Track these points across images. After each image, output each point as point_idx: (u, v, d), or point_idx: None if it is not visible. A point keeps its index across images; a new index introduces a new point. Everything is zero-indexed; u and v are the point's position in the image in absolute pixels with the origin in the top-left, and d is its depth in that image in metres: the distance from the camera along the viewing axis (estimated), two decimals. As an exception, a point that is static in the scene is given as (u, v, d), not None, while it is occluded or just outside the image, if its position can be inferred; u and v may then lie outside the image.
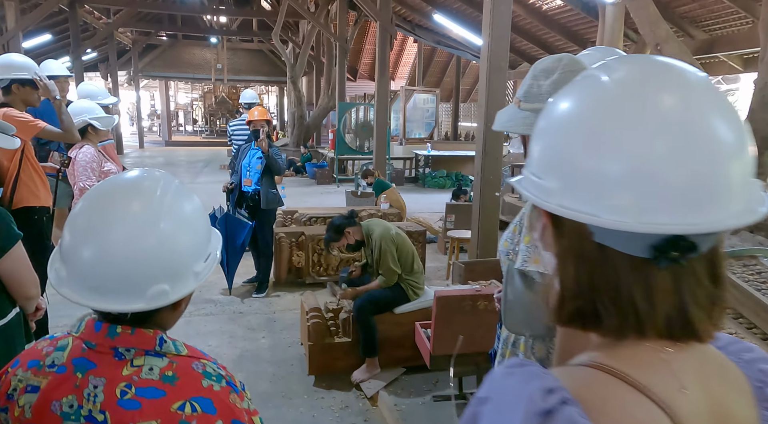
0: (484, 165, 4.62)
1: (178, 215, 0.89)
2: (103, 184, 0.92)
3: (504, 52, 4.49)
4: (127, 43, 20.43)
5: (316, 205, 9.30)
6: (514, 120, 1.36)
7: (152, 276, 0.83)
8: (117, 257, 0.82)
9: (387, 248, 3.24)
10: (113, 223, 0.84)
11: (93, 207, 0.87)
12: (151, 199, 0.87)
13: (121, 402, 0.80)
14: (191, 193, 0.95)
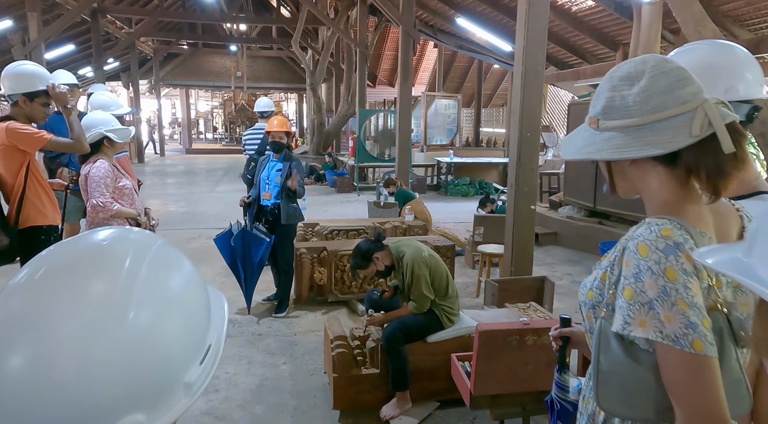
0: (518, 176, 4.31)
1: (159, 297, 0.60)
2: (52, 252, 0.62)
3: (541, 55, 4.18)
4: (148, 52, 20.57)
5: (336, 214, 9.06)
6: (594, 144, 1.07)
7: (118, 404, 0.53)
8: (62, 375, 0.51)
9: (420, 273, 2.95)
10: (57, 317, 0.53)
11: (29, 290, 0.57)
12: (115, 277, 0.58)
13: None
14: (180, 256, 0.67)
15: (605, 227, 6.52)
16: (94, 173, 3.28)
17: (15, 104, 2.93)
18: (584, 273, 6.03)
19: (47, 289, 0.55)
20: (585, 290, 1.15)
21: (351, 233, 5.79)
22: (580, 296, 1.17)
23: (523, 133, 4.24)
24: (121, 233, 0.64)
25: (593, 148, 1.06)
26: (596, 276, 1.13)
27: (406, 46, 7.98)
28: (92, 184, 3.25)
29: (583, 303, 1.15)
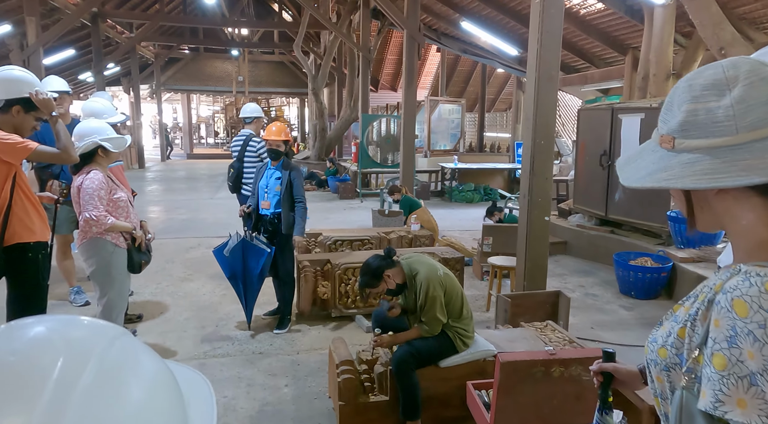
0: (531, 185, 4.11)
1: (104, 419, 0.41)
2: None
3: (555, 60, 3.99)
4: (149, 57, 20.45)
5: (339, 222, 8.87)
6: (671, 168, 0.86)
7: None
8: None
9: (435, 294, 2.74)
10: None
11: None
12: (36, 399, 0.39)
13: None
14: (139, 354, 0.49)
15: (618, 236, 6.31)
16: (87, 185, 3.12)
17: (6, 111, 2.74)
18: (597, 284, 5.84)
19: None
20: (655, 345, 0.95)
21: (355, 244, 5.59)
22: (649, 353, 0.96)
23: (536, 140, 4.05)
24: (65, 327, 0.45)
25: (671, 174, 0.85)
26: (670, 331, 0.92)
27: (410, 50, 7.80)
28: (85, 196, 3.09)
29: (653, 362, 0.94)
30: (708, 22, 4.98)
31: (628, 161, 0.94)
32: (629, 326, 4.49)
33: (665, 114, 0.89)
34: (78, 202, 3.17)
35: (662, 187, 0.87)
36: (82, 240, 3.23)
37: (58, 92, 4.08)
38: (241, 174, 5.36)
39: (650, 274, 5.05)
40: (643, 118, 5.89)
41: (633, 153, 0.94)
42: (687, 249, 5.30)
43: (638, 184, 0.91)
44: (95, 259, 3.23)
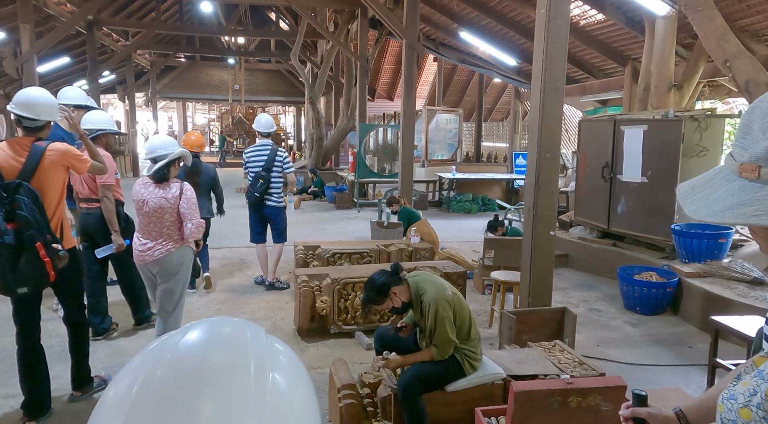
0: (537, 200, 4.01)
1: (286, 396, 0.60)
2: (156, 367, 0.55)
3: (561, 71, 3.91)
4: (145, 65, 20.35)
5: (336, 233, 8.74)
6: (758, 201, 0.75)
7: None
8: None
9: (444, 315, 2.63)
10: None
11: (144, 413, 0.49)
12: (244, 389, 0.52)
13: None
14: (295, 358, 0.67)
15: (620, 249, 6.22)
16: (190, 195, 3.39)
17: (41, 128, 2.94)
18: (601, 299, 5.73)
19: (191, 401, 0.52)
20: (734, 404, 0.83)
21: (354, 257, 5.48)
22: (725, 411, 0.84)
23: (541, 153, 3.96)
24: (232, 333, 0.64)
25: (760, 209, 0.74)
26: (756, 389, 0.80)
27: (409, 60, 7.73)
28: (192, 205, 3.37)
29: (732, 422, 0.83)
30: (712, 34, 4.92)
31: (695, 190, 0.83)
32: (636, 344, 4.38)
33: (743, 139, 0.79)
34: (174, 209, 3.35)
35: (750, 224, 0.75)
36: (173, 247, 3.38)
37: (76, 106, 4.17)
38: (269, 185, 5.38)
39: (656, 289, 4.95)
40: (645, 130, 5.82)
41: (698, 181, 0.83)
42: (692, 263, 5.21)
43: (716, 219, 0.79)
44: (186, 265, 3.47)
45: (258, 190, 5.33)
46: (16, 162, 2.77)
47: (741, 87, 4.91)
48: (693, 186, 0.84)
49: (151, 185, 3.37)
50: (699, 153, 5.51)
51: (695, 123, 5.46)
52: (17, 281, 2.66)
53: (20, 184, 2.68)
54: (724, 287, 4.65)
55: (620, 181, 6.22)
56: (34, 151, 2.80)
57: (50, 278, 2.73)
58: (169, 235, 3.36)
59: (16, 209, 2.63)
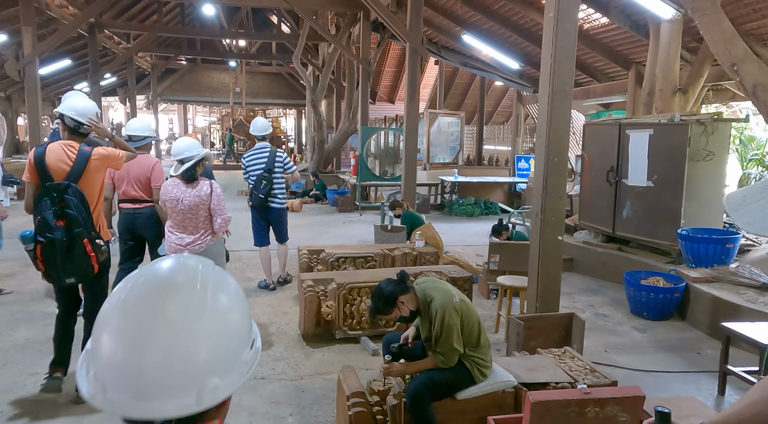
0: (545, 204, 3.98)
1: (222, 307, 0.81)
2: (137, 283, 0.81)
3: (569, 75, 3.89)
4: (146, 68, 20.36)
5: (338, 236, 8.71)
6: None
7: (202, 372, 0.76)
8: (164, 358, 0.74)
9: (451, 322, 2.59)
10: (154, 325, 0.76)
11: (129, 310, 0.77)
12: (191, 297, 0.79)
13: None
14: (227, 276, 0.89)
15: (625, 253, 6.18)
16: (219, 191, 3.81)
17: (87, 133, 3.24)
18: (607, 304, 5.69)
19: (145, 308, 0.77)
20: None
21: (359, 261, 5.44)
22: None
23: (549, 158, 3.93)
24: (187, 262, 0.86)
25: None
26: None
27: (413, 63, 7.71)
28: (221, 201, 3.80)
29: None
30: (719, 38, 4.90)
31: (745, 201, 0.80)
32: (644, 350, 4.34)
33: None
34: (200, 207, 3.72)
35: None
36: (211, 240, 3.82)
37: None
38: (271, 186, 5.44)
39: (663, 294, 4.91)
40: (651, 134, 5.80)
41: (749, 191, 0.79)
42: (699, 268, 5.17)
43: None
44: (222, 254, 3.94)
45: (262, 192, 5.38)
46: (65, 164, 3.02)
47: (749, 91, 4.88)
48: (743, 197, 0.81)
49: (182, 185, 3.69)
50: (705, 157, 5.48)
51: (702, 127, 5.44)
52: (67, 273, 2.97)
53: (69, 185, 2.95)
54: (732, 293, 4.62)
55: (625, 185, 6.19)
56: (81, 156, 3.06)
57: (94, 270, 3.05)
58: (205, 228, 3.78)
59: (65, 208, 2.90)
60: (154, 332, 0.74)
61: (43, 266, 2.96)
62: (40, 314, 4.73)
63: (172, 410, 0.74)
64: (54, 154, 3.03)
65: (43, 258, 2.93)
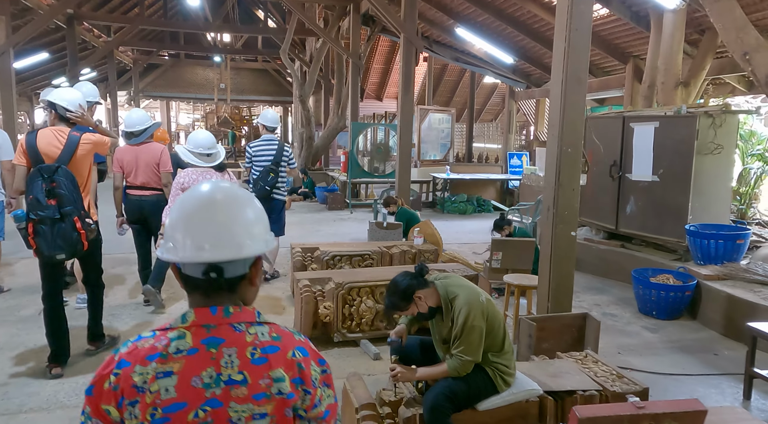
0: (557, 198, 3.75)
1: (247, 196, 1.15)
2: (194, 190, 1.13)
3: (584, 61, 3.66)
4: (127, 63, 19.79)
5: (330, 234, 8.42)
6: None
7: (249, 234, 1.08)
8: (229, 222, 1.07)
9: (474, 324, 2.33)
10: (223, 200, 1.10)
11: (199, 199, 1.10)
12: (230, 190, 1.13)
13: (253, 361, 1.03)
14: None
15: (629, 251, 6.00)
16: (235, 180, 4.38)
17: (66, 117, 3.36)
18: (613, 303, 5.47)
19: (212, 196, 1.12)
20: None
21: (355, 259, 5.16)
22: None
23: (563, 148, 3.69)
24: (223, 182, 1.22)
25: None
26: None
27: (407, 55, 7.44)
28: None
29: None
30: (731, 26, 4.72)
31: None
32: (658, 351, 4.14)
33: None
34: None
35: None
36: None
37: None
38: (277, 179, 5.45)
39: (674, 292, 4.72)
40: (657, 127, 5.61)
41: None
42: (709, 266, 4.99)
43: None
44: None
45: (269, 184, 5.39)
46: (56, 148, 3.22)
47: (761, 81, 4.71)
48: None
49: (208, 174, 4.05)
50: (713, 150, 5.31)
51: (710, 119, 5.26)
52: (57, 248, 3.14)
53: (59, 167, 3.14)
54: (747, 291, 4.44)
55: (629, 180, 6.00)
56: (71, 140, 3.26)
57: (84, 247, 3.23)
58: None
59: (56, 188, 3.10)
60: (213, 208, 1.08)
61: (34, 242, 3.13)
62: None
63: (233, 254, 1.04)
64: (45, 139, 3.23)
65: (35, 234, 3.11)
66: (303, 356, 1.07)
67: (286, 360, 1.05)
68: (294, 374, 1.05)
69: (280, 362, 1.04)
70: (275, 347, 1.05)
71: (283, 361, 1.04)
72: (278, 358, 1.04)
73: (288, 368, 1.04)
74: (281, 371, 1.03)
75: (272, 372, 1.03)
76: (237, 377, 1.01)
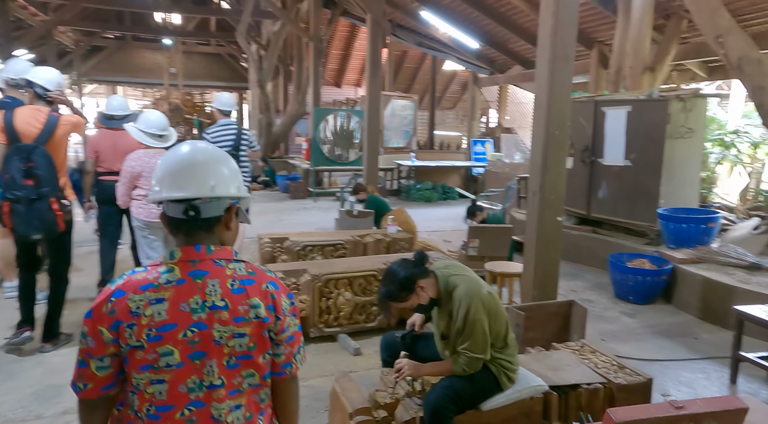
0: (543, 182, 3.61)
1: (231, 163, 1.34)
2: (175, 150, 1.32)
3: (571, 37, 3.52)
4: (68, 44, 18.54)
5: (295, 224, 8.10)
6: None
7: (221, 180, 1.26)
8: (205, 171, 1.25)
9: (477, 318, 2.14)
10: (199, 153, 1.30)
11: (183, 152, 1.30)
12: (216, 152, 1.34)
13: (233, 291, 1.21)
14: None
15: (600, 236, 6.00)
16: None
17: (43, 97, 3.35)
18: (588, 289, 5.43)
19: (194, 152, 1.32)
20: None
21: (327, 249, 4.91)
22: None
23: (550, 130, 3.55)
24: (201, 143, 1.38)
25: None
26: None
27: (374, 36, 7.16)
28: None
29: None
30: (705, 8, 4.70)
31: None
32: (640, 337, 4.10)
33: None
34: None
35: None
36: None
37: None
38: (238, 165, 4.84)
39: (650, 277, 4.71)
40: (629, 111, 5.59)
41: None
42: (682, 249, 5.02)
43: None
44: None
45: None
46: (33, 127, 3.18)
47: (733, 64, 4.72)
48: None
49: (160, 155, 3.69)
50: (684, 134, 5.33)
51: (681, 103, 5.27)
52: (33, 229, 3.15)
53: (36, 147, 3.13)
54: (722, 273, 4.46)
55: (601, 165, 5.98)
56: (51, 121, 3.23)
57: (60, 228, 3.23)
58: None
59: (34, 169, 3.09)
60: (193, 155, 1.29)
61: (9, 221, 3.12)
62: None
63: (199, 193, 1.22)
64: (22, 117, 3.18)
65: (11, 213, 3.10)
66: (274, 288, 1.26)
67: (260, 290, 1.23)
68: (268, 302, 1.23)
69: (255, 292, 1.22)
70: (251, 280, 1.24)
71: (258, 291, 1.23)
72: (254, 289, 1.23)
73: (263, 297, 1.23)
74: (257, 300, 1.22)
75: (249, 300, 1.21)
76: (220, 303, 1.18)
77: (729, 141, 7.15)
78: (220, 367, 1.18)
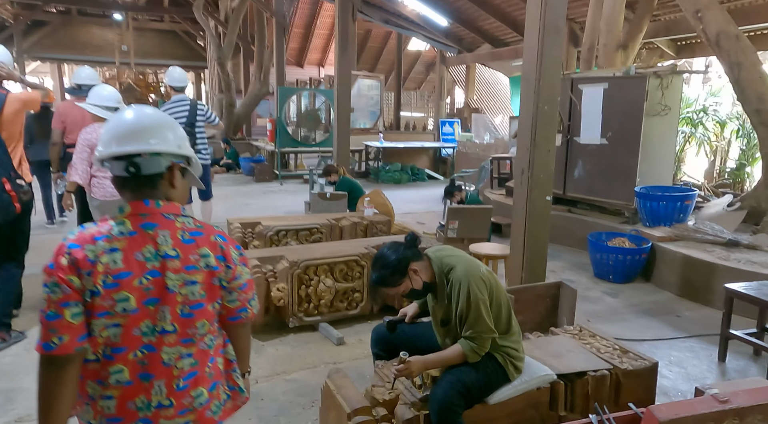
0: (532, 159, 3.47)
1: (178, 129, 1.36)
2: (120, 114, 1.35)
3: (562, 7, 3.34)
4: (6, 18, 17.24)
5: (262, 208, 7.79)
6: None
7: (161, 138, 1.29)
8: (147, 131, 1.28)
9: (479, 297, 1.98)
10: (142, 115, 1.32)
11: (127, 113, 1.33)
12: (163, 117, 1.36)
13: (184, 241, 1.28)
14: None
15: (576, 215, 5.96)
16: None
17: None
18: (568, 269, 5.39)
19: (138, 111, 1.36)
20: None
21: (302, 234, 4.66)
22: None
23: (539, 105, 3.40)
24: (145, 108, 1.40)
25: None
26: None
27: (344, 12, 6.84)
28: None
29: None
30: None
31: None
32: (624, 317, 4.07)
33: None
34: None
35: None
36: None
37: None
38: (194, 141, 4.90)
39: (630, 256, 4.69)
40: (606, 89, 5.52)
41: None
42: (659, 227, 5.02)
43: None
44: None
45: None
46: None
47: (711, 40, 4.69)
48: None
49: None
50: (661, 112, 5.31)
51: (658, 80, 5.23)
52: None
53: None
54: (701, 251, 4.48)
55: (577, 143, 5.92)
56: None
57: (17, 210, 3.11)
58: None
59: None
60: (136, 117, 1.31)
61: None
62: None
63: (135, 148, 1.26)
64: None
65: None
66: (222, 241, 1.34)
67: (209, 241, 1.31)
68: (217, 253, 1.31)
69: (204, 243, 1.30)
70: (200, 232, 1.31)
71: (207, 242, 1.31)
72: (203, 240, 1.30)
73: (212, 248, 1.31)
74: (207, 250, 1.30)
75: (199, 250, 1.29)
76: (171, 252, 1.25)
77: (696, 119, 7.24)
78: (174, 314, 1.24)
